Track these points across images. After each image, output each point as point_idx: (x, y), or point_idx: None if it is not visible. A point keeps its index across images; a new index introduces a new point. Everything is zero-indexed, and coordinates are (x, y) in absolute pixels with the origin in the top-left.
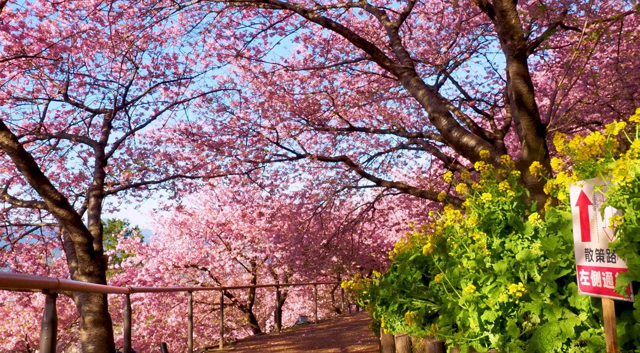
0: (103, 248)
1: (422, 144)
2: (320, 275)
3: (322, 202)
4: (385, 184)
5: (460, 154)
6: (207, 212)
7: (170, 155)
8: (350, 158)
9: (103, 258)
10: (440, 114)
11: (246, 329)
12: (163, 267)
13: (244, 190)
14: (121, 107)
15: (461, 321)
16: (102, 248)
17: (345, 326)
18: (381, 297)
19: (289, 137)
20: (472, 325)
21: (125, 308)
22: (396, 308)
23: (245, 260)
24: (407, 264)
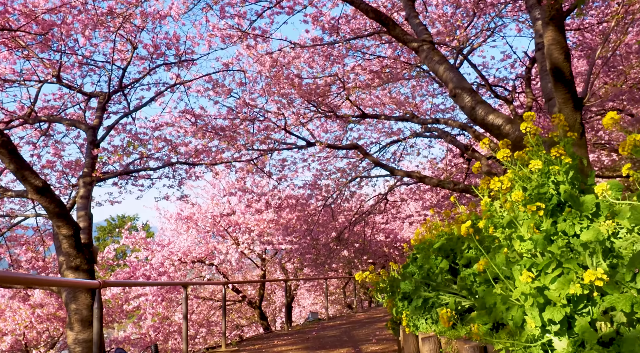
0: (93, 241)
1: (438, 131)
2: (331, 270)
3: (332, 193)
4: (399, 173)
5: (488, 132)
6: (214, 206)
7: (171, 141)
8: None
9: (92, 251)
10: (463, 90)
11: (256, 326)
12: (169, 262)
13: (251, 181)
14: (118, 89)
15: (513, 320)
16: (92, 240)
17: (357, 323)
18: (402, 290)
19: (298, 125)
20: (530, 326)
21: (96, 305)
22: (420, 304)
23: (253, 255)
24: (432, 252)
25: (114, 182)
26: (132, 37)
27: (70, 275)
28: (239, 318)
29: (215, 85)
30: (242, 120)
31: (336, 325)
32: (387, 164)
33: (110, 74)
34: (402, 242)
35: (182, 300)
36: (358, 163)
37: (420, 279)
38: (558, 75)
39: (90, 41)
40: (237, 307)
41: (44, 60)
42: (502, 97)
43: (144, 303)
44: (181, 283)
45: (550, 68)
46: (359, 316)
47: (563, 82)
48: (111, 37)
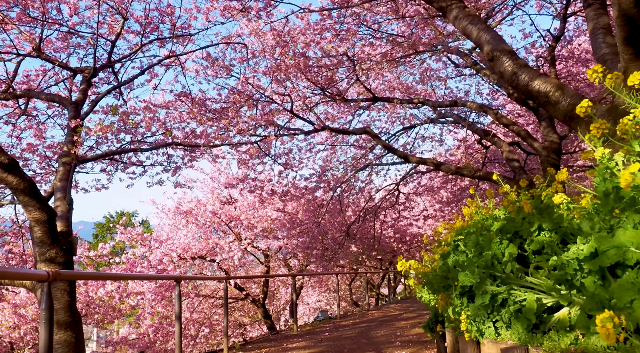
0: (72, 229)
1: (453, 117)
2: (338, 267)
3: (341, 183)
4: (413, 160)
5: (534, 101)
6: (214, 200)
7: (165, 124)
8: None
9: (71, 241)
10: (502, 52)
11: (260, 325)
12: (167, 258)
13: (254, 171)
14: (106, 64)
15: None
16: (71, 229)
17: (373, 322)
18: (461, 284)
19: (305, 110)
20: None
21: (44, 303)
22: (488, 302)
23: (257, 251)
24: (494, 235)
25: (102, 168)
26: (122, 7)
27: (44, 269)
28: (241, 316)
29: (214, 62)
30: (244, 101)
31: (350, 325)
32: None
33: (96, 44)
34: (411, 237)
35: (175, 297)
36: (367, 152)
37: (483, 270)
38: (628, 24)
39: (77, 12)
40: (240, 305)
41: (23, 32)
42: None
43: (142, 303)
44: (173, 277)
45: (618, 16)
46: (372, 314)
47: (634, 32)
48: (96, 6)
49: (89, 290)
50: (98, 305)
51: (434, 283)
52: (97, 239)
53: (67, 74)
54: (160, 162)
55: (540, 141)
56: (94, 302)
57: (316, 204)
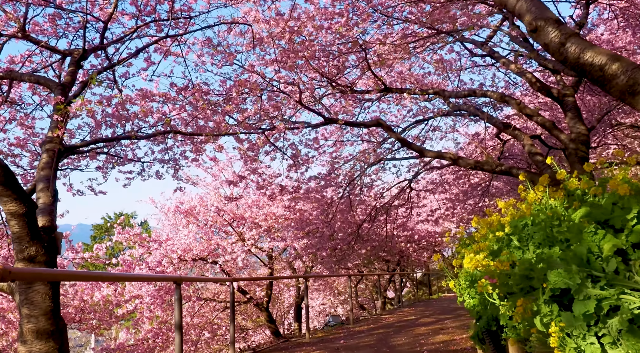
0: (56, 224)
1: (470, 109)
2: (342, 269)
3: (355, 175)
4: (429, 155)
5: (585, 76)
6: (216, 199)
7: (165, 113)
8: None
9: (55, 238)
10: (547, 21)
11: (263, 329)
12: (167, 260)
13: (260, 164)
14: (97, 47)
15: None
16: (55, 224)
17: (390, 328)
18: (552, 286)
19: (313, 102)
20: None
21: None
22: (592, 310)
23: (260, 253)
24: (584, 223)
25: (97, 166)
26: None
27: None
28: (243, 320)
29: (216, 48)
30: (250, 91)
31: (365, 331)
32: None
33: (85, 20)
34: (420, 237)
35: (175, 301)
36: (376, 146)
37: (577, 268)
38: None
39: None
40: (242, 309)
41: (7, 12)
42: (548, 66)
43: (140, 306)
44: (172, 279)
45: None
46: (386, 319)
47: None
48: None
49: (83, 294)
50: (94, 309)
51: (512, 285)
52: (96, 241)
53: (56, 58)
54: (160, 158)
55: (566, 133)
56: (89, 307)
57: (325, 203)
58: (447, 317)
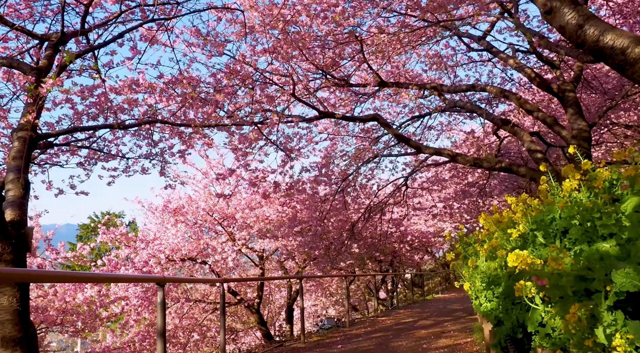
0: (26, 219)
1: (467, 106)
2: (335, 269)
3: (350, 171)
4: (427, 151)
5: (604, 61)
6: (207, 197)
7: (152, 106)
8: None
9: (24, 234)
10: (562, 2)
11: (254, 331)
12: (154, 260)
13: (251, 158)
14: (77, 31)
15: None
16: (26, 218)
17: (388, 331)
18: (619, 288)
19: (307, 95)
20: None
21: None
22: None
23: (251, 253)
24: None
25: (79, 162)
26: None
27: None
28: (233, 322)
29: (206, 37)
30: (242, 82)
31: (363, 335)
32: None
33: (64, 2)
34: (413, 237)
35: (158, 303)
36: (372, 143)
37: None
38: None
39: None
40: (233, 310)
41: None
42: (548, 61)
43: (127, 309)
44: (154, 279)
45: None
46: (383, 321)
47: None
48: None
49: (65, 295)
50: (77, 311)
51: (566, 287)
52: (82, 241)
53: (34, 44)
54: (147, 153)
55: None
56: (72, 309)
57: (319, 200)
58: (446, 320)
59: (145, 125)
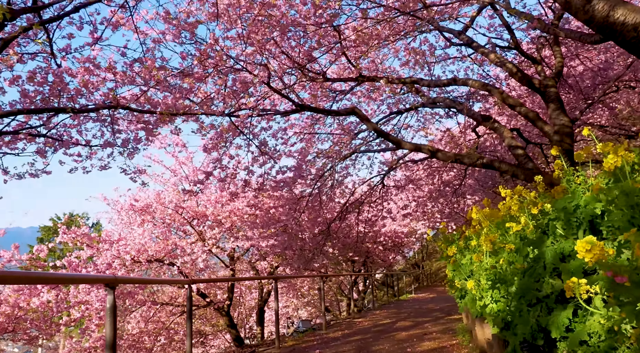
0: None
1: (446, 101)
2: (308, 270)
3: (326, 168)
4: (407, 146)
5: (616, 41)
6: (175, 195)
7: (113, 90)
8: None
9: None
10: None
11: (223, 334)
12: (119, 262)
13: (221, 152)
14: (28, 9)
15: None
16: None
17: (367, 334)
18: None
19: (282, 88)
20: None
21: None
22: None
23: (222, 253)
24: None
25: (37, 149)
26: None
27: None
28: (202, 325)
29: (175, 18)
30: (214, 69)
31: (341, 338)
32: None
33: None
34: (386, 237)
35: (107, 310)
36: (350, 140)
37: None
38: None
39: None
40: (202, 313)
41: None
42: (529, 56)
43: (88, 313)
44: (104, 280)
45: None
46: (360, 323)
47: None
48: None
49: (18, 300)
50: (32, 318)
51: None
52: (44, 243)
53: None
54: (106, 141)
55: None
56: (27, 315)
57: (295, 198)
58: (425, 320)
59: (104, 110)
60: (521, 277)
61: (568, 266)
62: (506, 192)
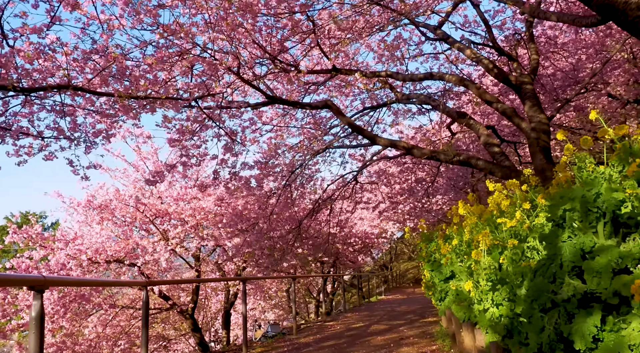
0: None
1: (421, 97)
2: (277, 271)
3: (297, 164)
4: (382, 142)
5: (616, 19)
6: (136, 192)
7: (60, 68)
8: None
9: None
10: None
11: (187, 338)
12: (75, 262)
13: (189, 143)
14: None
15: None
16: None
17: (341, 339)
18: None
19: (253, 79)
20: None
21: None
22: None
23: (186, 254)
24: None
25: None
26: None
27: None
28: (165, 329)
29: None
30: (179, 56)
31: (312, 343)
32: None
33: None
34: (357, 237)
35: (31, 320)
36: (322, 136)
37: None
38: None
39: None
40: (164, 316)
41: None
42: (506, 53)
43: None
44: (29, 281)
45: None
46: (332, 326)
47: None
48: None
49: None
50: None
51: None
52: None
53: None
54: (52, 125)
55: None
56: None
57: (265, 196)
58: (400, 323)
59: (53, 91)
60: (531, 276)
61: (593, 264)
62: (495, 186)
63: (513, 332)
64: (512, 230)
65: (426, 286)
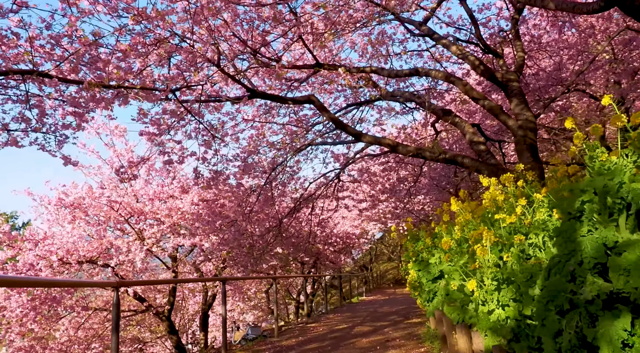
0: None
1: (405, 95)
2: (256, 272)
3: (278, 162)
4: (367, 139)
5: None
6: (111, 190)
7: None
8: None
9: None
10: None
11: (163, 341)
12: (44, 263)
13: (166, 137)
14: None
15: None
16: None
17: (325, 341)
18: None
19: (234, 73)
20: None
21: None
22: None
23: (163, 254)
24: None
25: None
26: None
27: None
28: (140, 332)
29: None
30: (155, 45)
31: (295, 346)
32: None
33: None
34: (338, 238)
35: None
36: (304, 132)
37: None
38: None
39: None
40: (140, 319)
41: None
42: (492, 50)
43: (9, 319)
44: None
45: None
46: (315, 328)
47: None
48: None
49: None
50: None
51: None
52: None
53: None
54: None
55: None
56: None
57: (244, 193)
58: (384, 325)
59: (16, 78)
60: (545, 275)
61: (620, 260)
62: (490, 180)
63: (520, 335)
64: (512, 226)
65: (412, 286)
